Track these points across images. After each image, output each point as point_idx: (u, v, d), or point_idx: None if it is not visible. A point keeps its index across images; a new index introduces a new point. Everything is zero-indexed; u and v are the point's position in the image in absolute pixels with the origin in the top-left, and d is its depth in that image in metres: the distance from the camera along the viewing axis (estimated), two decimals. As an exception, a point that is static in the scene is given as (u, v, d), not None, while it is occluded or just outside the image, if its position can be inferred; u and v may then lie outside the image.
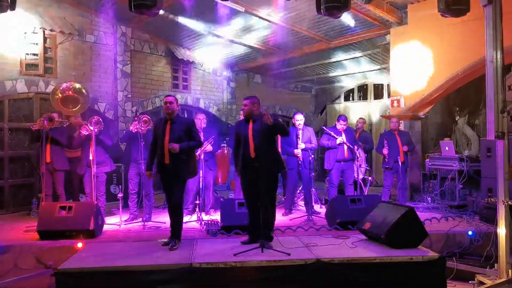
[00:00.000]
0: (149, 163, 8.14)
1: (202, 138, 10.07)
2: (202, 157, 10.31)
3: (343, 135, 11.02)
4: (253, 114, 7.87)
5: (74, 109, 10.61)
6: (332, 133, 11.02)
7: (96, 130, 9.62)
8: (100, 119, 9.81)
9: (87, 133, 9.80)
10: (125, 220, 10.08)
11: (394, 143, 11.38)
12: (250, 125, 7.88)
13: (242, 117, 10.27)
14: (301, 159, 10.54)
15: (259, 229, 7.40)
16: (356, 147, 11.11)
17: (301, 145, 10.55)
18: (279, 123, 7.89)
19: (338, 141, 10.91)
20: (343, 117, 11.21)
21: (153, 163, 8.09)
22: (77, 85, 10.74)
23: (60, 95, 10.55)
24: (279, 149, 11.17)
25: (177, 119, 7.99)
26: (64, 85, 10.69)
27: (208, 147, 10.52)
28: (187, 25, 13.29)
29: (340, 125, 11.08)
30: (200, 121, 10.60)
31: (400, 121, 12.26)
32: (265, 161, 7.47)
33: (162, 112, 11.48)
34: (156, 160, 8.01)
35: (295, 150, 10.52)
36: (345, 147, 10.95)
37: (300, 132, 10.65)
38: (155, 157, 8.02)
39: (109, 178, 11.34)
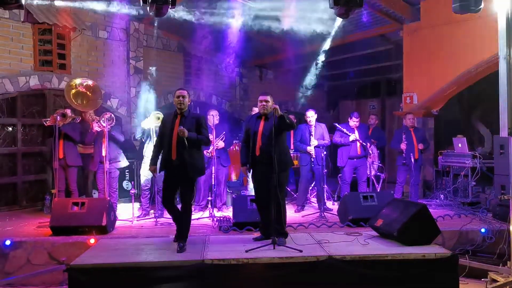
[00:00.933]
0: (154, 158, 7.82)
1: (214, 134, 10.12)
2: (213, 154, 10.32)
3: (356, 132, 11.01)
4: (270, 110, 7.71)
5: (84, 105, 10.60)
6: (345, 130, 11.00)
7: (108, 126, 9.65)
8: (112, 115, 9.84)
9: (99, 129, 9.84)
10: (138, 216, 10.14)
11: (409, 140, 11.33)
12: (262, 123, 7.77)
13: (253, 112, 10.30)
14: (314, 156, 10.52)
15: (270, 226, 7.41)
16: (368, 144, 11.09)
17: (314, 142, 10.51)
18: (285, 116, 7.61)
19: (351, 138, 10.90)
20: (355, 114, 11.19)
21: (158, 158, 7.81)
22: (91, 82, 10.74)
23: (74, 89, 10.56)
24: (292, 146, 11.20)
25: (187, 113, 7.69)
26: (79, 80, 10.69)
27: (220, 144, 10.51)
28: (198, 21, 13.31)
29: (352, 122, 11.07)
30: (213, 118, 10.56)
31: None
32: (271, 159, 7.38)
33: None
34: (161, 156, 7.74)
35: (308, 147, 10.49)
36: (358, 144, 10.94)
37: (312, 128, 10.61)
38: (160, 152, 7.75)
39: (122, 174, 11.36)
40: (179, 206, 7.82)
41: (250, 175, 8.14)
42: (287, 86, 18.98)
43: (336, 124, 11.47)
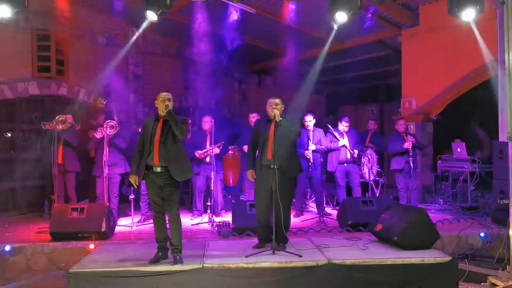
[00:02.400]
0: (134, 167, 7.31)
1: (212, 140, 10.25)
2: (208, 160, 10.42)
3: (345, 137, 11.01)
4: (280, 113, 7.62)
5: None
6: (336, 134, 11.01)
7: (111, 133, 9.68)
8: (116, 124, 9.87)
9: (101, 135, 9.87)
10: (137, 222, 10.18)
11: (402, 145, 11.29)
12: (272, 126, 7.60)
13: (251, 118, 10.32)
14: (312, 161, 10.51)
15: (269, 232, 7.41)
16: (356, 152, 11.07)
17: (312, 147, 10.50)
18: (285, 123, 7.57)
19: (340, 143, 10.91)
20: (346, 118, 11.19)
21: (139, 167, 7.33)
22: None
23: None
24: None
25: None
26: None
27: (215, 150, 10.50)
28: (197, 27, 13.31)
29: (342, 126, 11.08)
30: (208, 124, 10.60)
31: (410, 124, 12.30)
32: (281, 164, 7.35)
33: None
34: (142, 163, 7.22)
35: (306, 152, 10.47)
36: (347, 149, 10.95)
37: (310, 133, 10.60)
38: (141, 160, 7.25)
39: (121, 179, 11.35)
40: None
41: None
42: (286, 91, 18.97)
43: (329, 126, 11.42)
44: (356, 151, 11.12)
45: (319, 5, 11.31)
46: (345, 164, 11.07)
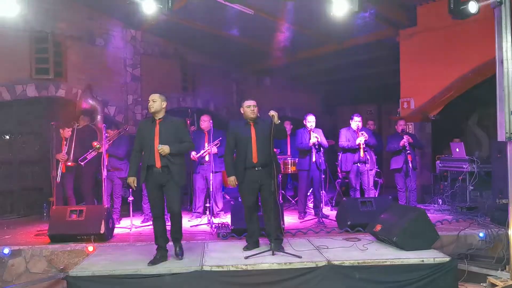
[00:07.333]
0: (133, 169, 7.34)
1: (210, 140, 10.34)
2: (207, 159, 10.44)
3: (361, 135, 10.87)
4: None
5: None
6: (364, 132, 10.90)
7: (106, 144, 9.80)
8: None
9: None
10: (142, 222, 10.34)
11: (398, 144, 11.25)
12: (252, 129, 7.68)
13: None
14: (314, 158, 10.41)
15: (259, 233, 7.62)
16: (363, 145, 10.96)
17: (314, 134, 10.44)
18: (280, 125, 7.73)
19: (358, 141, 10.76)
20: (356, 114, 11.12)
21: (137, 168, 7.36)
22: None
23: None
24: (288, 152, 11.20)
25: (166, 118, 7.31)
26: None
27: (213, 149, 10.46)
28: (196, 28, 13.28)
29: (355, 123, 10.91)
30: (206, 123, 10.59)
31: (409, 124, 12.28)
32: (267, 165, 7.47)
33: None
34: (142, 165, 7.27)
35: (311, 141, 10.40)
36: (361, 147, 10.79)
37: (311, 133, 10.50)
38: (139, 162, 7.35)
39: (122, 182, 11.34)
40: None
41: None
42: (284, 91, 18.97)
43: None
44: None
45: (317, 4, 11.31)
46: (359, 164, 10.96)
